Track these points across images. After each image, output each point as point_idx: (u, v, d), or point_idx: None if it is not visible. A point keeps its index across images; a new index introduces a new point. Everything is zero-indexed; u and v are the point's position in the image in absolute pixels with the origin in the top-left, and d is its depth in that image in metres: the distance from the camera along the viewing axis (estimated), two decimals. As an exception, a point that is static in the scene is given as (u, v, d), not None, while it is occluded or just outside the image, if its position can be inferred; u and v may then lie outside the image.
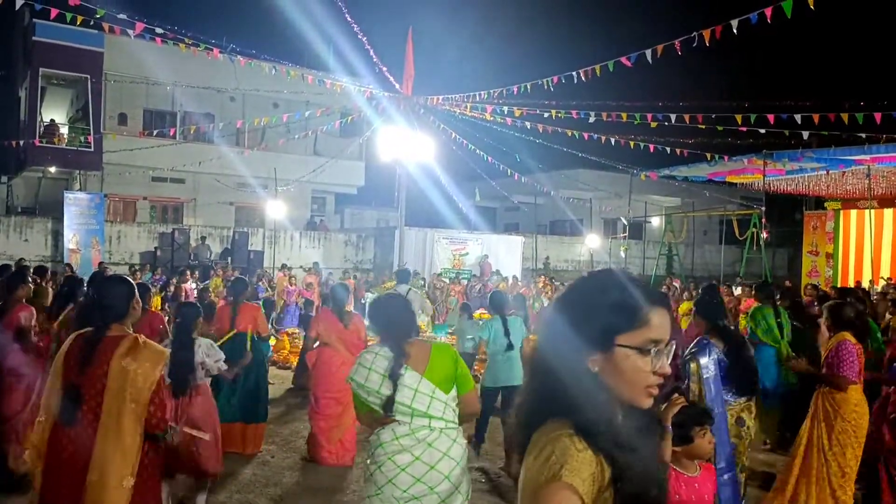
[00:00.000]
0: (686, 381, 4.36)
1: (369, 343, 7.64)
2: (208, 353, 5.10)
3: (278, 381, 10.59)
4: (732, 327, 4.95)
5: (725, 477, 4.08)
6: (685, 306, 11.17)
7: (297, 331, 12.81)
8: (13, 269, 9.85)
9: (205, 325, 5.61)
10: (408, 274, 10.55)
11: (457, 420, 3.38)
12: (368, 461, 3.40)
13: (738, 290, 14.74)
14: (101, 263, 18.83)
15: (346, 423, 6.53)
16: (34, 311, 5.90)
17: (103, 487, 2.99)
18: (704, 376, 4.30)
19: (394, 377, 3.26)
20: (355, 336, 6.70)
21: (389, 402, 3.25)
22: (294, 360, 11.11)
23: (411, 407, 3.25)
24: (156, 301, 12.63)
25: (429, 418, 3.26)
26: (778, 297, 8.53)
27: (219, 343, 5.83)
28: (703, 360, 4.35)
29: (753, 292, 10.22)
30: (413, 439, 3.24)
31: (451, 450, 3.29)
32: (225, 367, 5.31)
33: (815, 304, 9.76)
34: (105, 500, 2.99)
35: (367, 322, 8.16)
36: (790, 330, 7.80)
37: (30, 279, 6.49)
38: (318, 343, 6.85)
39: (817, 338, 6.66)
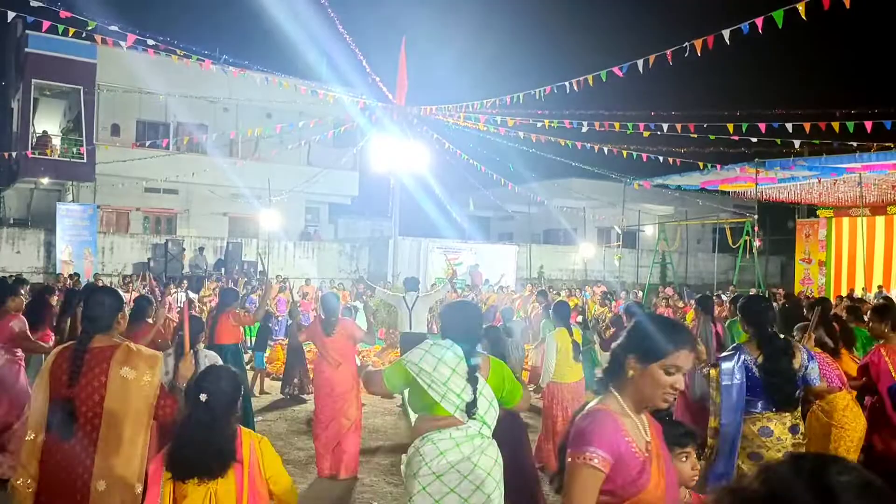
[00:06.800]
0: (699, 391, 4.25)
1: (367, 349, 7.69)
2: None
3: (274, 391, 10.56)
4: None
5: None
6: (691, 315, 11.17)
7: (285, 341, 12.75)
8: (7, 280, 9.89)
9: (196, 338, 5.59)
10: (416, 282, 10.58)
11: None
12: (410, 477, 3.36)
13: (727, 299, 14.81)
14: (96, 275, 18.78)
15: (338, 432, 6.49)
16: (24, 320, 5.98)
17: (113, 495, 3.00)
18: (724, 383, 4.10)
19: (471, 377, 3.32)
20: (342, 342, 6.66)
21: (472, 406, 3.30)
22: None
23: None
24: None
25: (482, 423, 3.33)
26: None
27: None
28: (726, 366, 4.15)
29: (729, 306, 9.63)
30: (471, 445, 3.29)
31: (499, 456, 3.41)
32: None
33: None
34: None
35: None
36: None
37: (21, 291, 6.50)
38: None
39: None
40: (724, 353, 4.34)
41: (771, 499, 1.06)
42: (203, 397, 2.87)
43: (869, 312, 5.70)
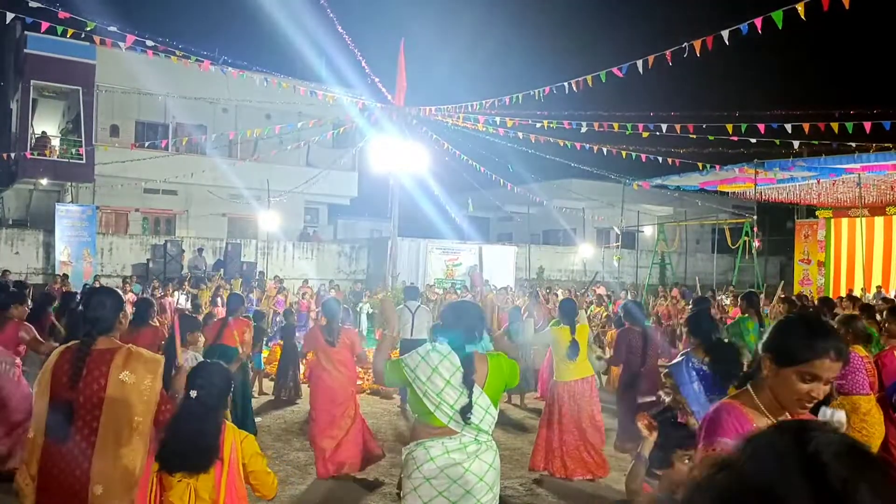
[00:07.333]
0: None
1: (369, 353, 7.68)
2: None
3: (272, 392, 10.55)
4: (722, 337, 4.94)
5: None
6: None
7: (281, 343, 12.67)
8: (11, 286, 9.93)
9: (192, 337, 5.62)
10: (416, 291, 10.60)
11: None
12: (404, 478, 3.40)
13: (727, 300, 14.80)
14: (96, 276, 18.76)
15: (338, 435, 6.49)
16: (31, 327, 5.96)
17: (111, 499, 3.00)
18: (681, 383, 4.34)
19: (468, 385, 3.31)
20: (345, 353, 6.57)
21: (466, 411, 3.29)
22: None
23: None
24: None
25: (477, 430, 3.34)
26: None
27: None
28: (677, 371, 4.40)
29: (739, 302, 9.95)
30: (464, 453, 3.30)
31: (495, 461, 3.40)
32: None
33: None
34: None
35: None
36: None
37: (28, 300, 6.51)
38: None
39: None
40: (671, 362, 4.53)
41: (761, 473, 1.06)
42: (193, 393, 2.98)
43: (885, 313, 5.75)
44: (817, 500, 0.99)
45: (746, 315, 7.86)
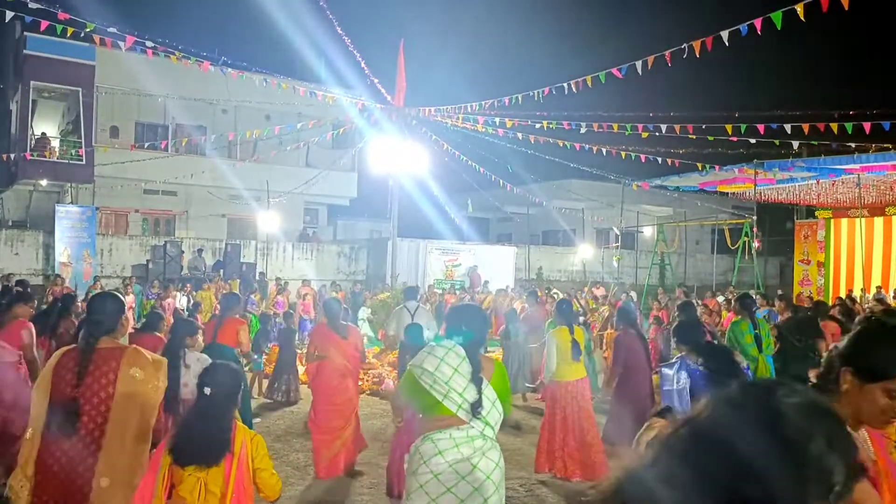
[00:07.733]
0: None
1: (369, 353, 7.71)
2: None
3: (265, 394, 10.54)
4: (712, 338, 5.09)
5: None
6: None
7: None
8: (15, 287, 9.90)
9: (191, 340, 5.65)
10: (415, 291, 10.68)
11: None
12: (409, 475, 3.39)
13: (721, 301, 14.86)
14: (95, 277, 18.76)
15: (346, 436, 6.51)
16: (33, 330, 5.92)
17: (115, 492, 3.05)
18: (665, 388, 4.39)
19: (475, 376, 3.35)
20: (352, 347, 6.72)
21: (476, 406, 3.31)
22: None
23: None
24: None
25: (485, 424, 3.34)
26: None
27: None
28: (667, 372, 4.44)
29: (733, 304, 9.93)
30: (471, 447, 3.29)
31: (500, 460, 3.40)
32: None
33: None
34: (119, 502, 3.07)
35: (413, 323, 8.32)
36: (771, 342, 7.73)
37: (34, 301, 6.47)
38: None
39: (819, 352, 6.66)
40: (667, 363, 4.62)
41: (723, 425, 1.08)
42: (207, 390, 3.10)
43: None
44: (773, 449, 1.02)
45: (741, 317, 7.88)
